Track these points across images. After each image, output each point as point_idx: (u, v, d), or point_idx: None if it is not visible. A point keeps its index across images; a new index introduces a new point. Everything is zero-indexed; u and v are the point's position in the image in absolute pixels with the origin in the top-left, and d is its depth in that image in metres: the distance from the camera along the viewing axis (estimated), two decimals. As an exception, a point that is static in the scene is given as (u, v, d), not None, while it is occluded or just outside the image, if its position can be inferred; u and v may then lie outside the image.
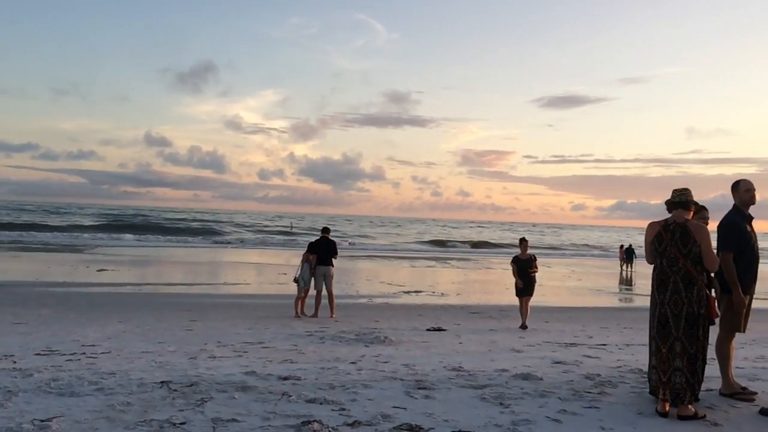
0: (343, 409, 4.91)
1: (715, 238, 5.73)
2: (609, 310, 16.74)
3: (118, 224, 61.67)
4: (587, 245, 69.87)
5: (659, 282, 5.17)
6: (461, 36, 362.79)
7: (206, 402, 5.01)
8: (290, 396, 5.24)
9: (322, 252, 12.92)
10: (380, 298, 17.59)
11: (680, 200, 5.23)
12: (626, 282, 27.99)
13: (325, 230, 13.50)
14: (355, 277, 24.52)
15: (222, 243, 49.55)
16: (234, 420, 4.54)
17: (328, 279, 12.87)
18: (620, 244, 36.65)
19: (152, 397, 5.14)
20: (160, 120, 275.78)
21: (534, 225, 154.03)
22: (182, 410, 4.76)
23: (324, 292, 12.89)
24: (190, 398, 5.12)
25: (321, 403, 5.06)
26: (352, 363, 6.99)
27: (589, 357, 7.76)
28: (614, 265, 36.25)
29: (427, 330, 10.62)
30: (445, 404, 5.17)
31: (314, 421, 4.51)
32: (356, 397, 5.30)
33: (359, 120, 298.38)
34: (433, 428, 4.50)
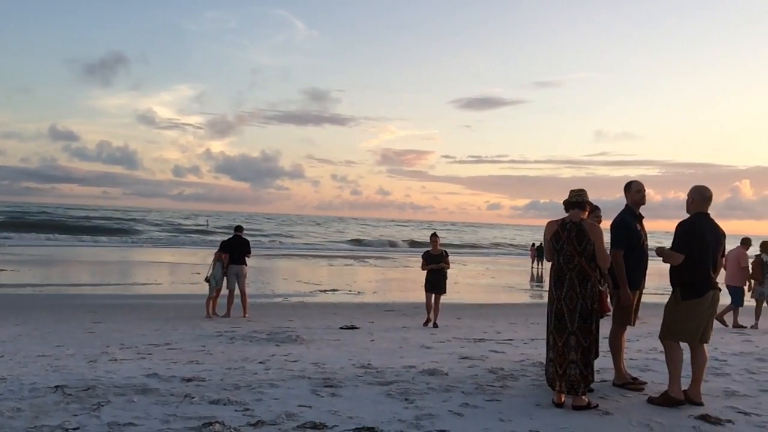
0: (247, 409, 4.85)
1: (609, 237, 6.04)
2: (519, 306, 17.31)
3: (19, 222, 58.22)
4: (502, 244, 71.85)
5: (556, 278, 5.39)
6: (382, 35, 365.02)
7: (103, 406, 4.83)
8: (193, 398, 5.13)
9: (234, 251, 12.70)
10: (296, 297, 17.48)
11: (576, 200, 5.46)
12: (537, 279, 29.00)
13: (238, 229, 13.28)
14: (272, 276, 24.25)
15: (133, 242, 47.79)
16: (131, 424, 4.40)
17: (241, 278, 12.67)
18: (532, 243, 37.94)
19: (45, 402, 4.90)
20: (66, 113, 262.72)
21: (453, 224, 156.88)
22: (76, 415, 4.58)
23: (237, 291, 12.68)
24: (86, 402, 4.92)
25: (225, 404, 4.98)
26: (260, 363, 6.91)
27: (495, 352, 7.99)
28: (526, 262, 37.50)
29: (341, 328, 10.64)
30: (351, 401, 5.20)
31: (216, 422, 4.43)
32: (262, 397, 5.25)
33: (278, 117, 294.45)
34: (337, 425, 4.52)
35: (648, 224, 6.33)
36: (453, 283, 23.41)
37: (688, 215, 5.56)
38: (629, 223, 6.02)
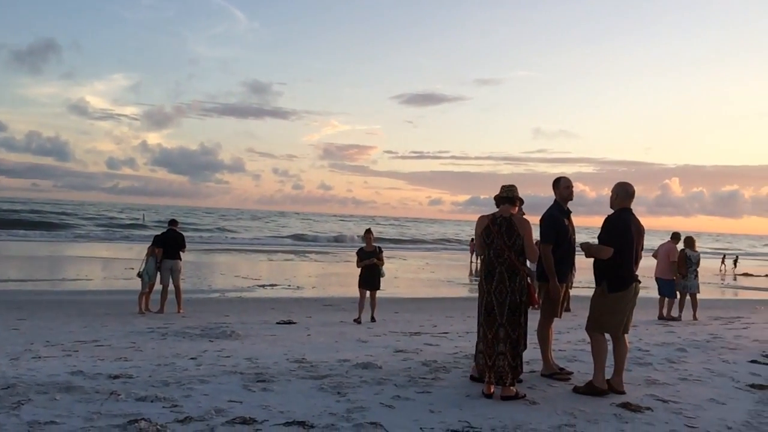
0: (175, 406, 4.76)
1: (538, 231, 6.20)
2: (456, 300, 17.55)
3: (-60, 215, 55.29)
4: (442, 239, 72.63)
5: (487, 272, 5.49)
6: (324, 29, 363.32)
7: (23, 405, 4.65)
8: (119, 395, 4.99)
9: (168, 245, 12.42)
10: (233, 292, 17.24)
11: (507, 195, 5.58)
12: (476, 273, 29.47)
13: (173, 223, 12.98)
14: (209, 272, 23.85)
15: (64, 236, 46.06)
16: (53, 422, 4.26)
17: (175, 273, 12.40)
18: (471, 238, 38.54)
19: (-41, 403, 4.68)
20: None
21: (396, 219, 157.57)
22: (-7, 415, 4.39)
23: (171, 287, 12.41)
24: (5, 401, 4.73)
25: (152, 401, 4.87)
26: (192, 359, 6.79)
27: (430, 345, 8.09)
28: (466, 257, 38.09)
29: (277, 323, 10.56)
30: (283, 396, 5.17)
31: (142, 419, 4.33)
32: (191, 393, 5.16)
33: (218, 109, 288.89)
34: (267, 420, 4.49)
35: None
36: (393, 278, 23.67)
37: (612, 210, 5.77)
38: (557, 218, 6.19)
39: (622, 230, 5.57)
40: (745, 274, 36.38)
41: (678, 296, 13.42)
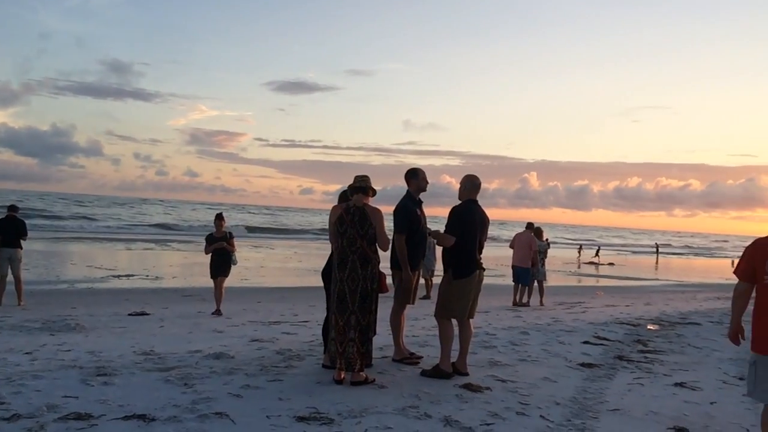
0: (2, 403, 4.44)
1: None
2: (321, 289, 17.52)
3: None
4: (312, 229, 72.51)
5: (339, 260, 5.57)
6: (191, 8, 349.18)
7: None
8: (-66, 395, 4.56)
9: (7, 233, 11.43)
10: (84, 283, 16.23)
11: (360, 185, 5.67)
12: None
13: (12, 208, 11.93)
14: (59, 261, 22.30)
15: None
16: None
17: (14, 263, 11.45)
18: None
19: None
20: None
21: (268, 208, 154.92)
22: None
23: (10, 277, 11.45)
24: None
25: (-26, 400, 4.50)
26: (26, 353, 6.34)
27: (288, 334, 8.09)
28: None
29: (129, 315, 10.09)
30: (125, 389, 4.97)
31: (-41, 420, 3.99)
32: (21, 390, 4.83)
33: (73, 88, 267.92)
34: (104, 415, 4.30)
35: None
36: (259, 267, 23.38)
37: (460, 201, 6.05)
38: (411, 209, 6.39)
39: (465, 220, 5.86)
40: (610, 264, 39.30)
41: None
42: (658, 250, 58.93)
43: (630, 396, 5.60)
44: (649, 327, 9.76)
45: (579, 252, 43.83)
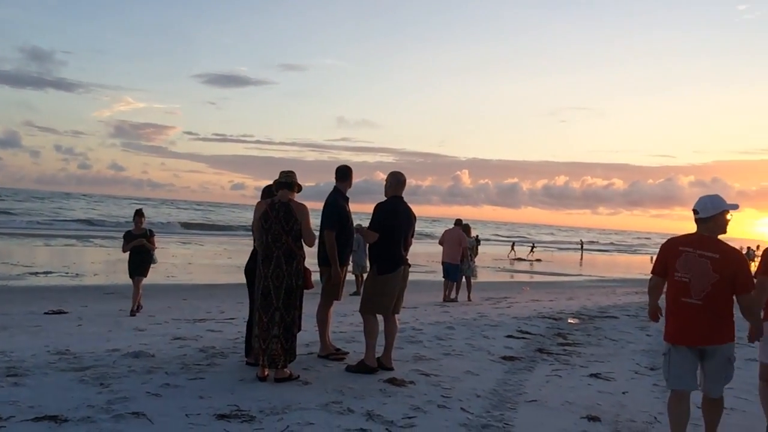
0: None
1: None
2: (251, 286, 17.34)
3: None
4: (244, 225, 71.36)
5: (264, 257, 5.51)
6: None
7: None
8: None
9: None
10: (-2, 280, 15.45)
11: (285, 181, 5.64)
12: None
13: None
14: (-29, 258, 21.12)
15: None
16: None
17: None
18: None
19: None
20: None
21: (199, 204, 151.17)
22: None
23: None
24: None
25: None
26: (-71, 355, 5.99)
27: (213, 331, 7.95)
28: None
29: (45, 314, 9.68)
30: (36, 390, 4.77)
31: None
32: None
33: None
34: (13, 416, 4.12)
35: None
36: (187, 264, 22.84)
37: (386, 198, 6.09)
38: (342, 205, 6.41)
39: (389, 217, 5.91)
40: (537, 260, 40.34)
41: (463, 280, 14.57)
42: (582, 246, 60.98)
43: (548, 387, 5.79)
44: (569, 321, 10.11)
45: (512, 248, 44.85)
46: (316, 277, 5.90)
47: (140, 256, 10.36)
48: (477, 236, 37.35)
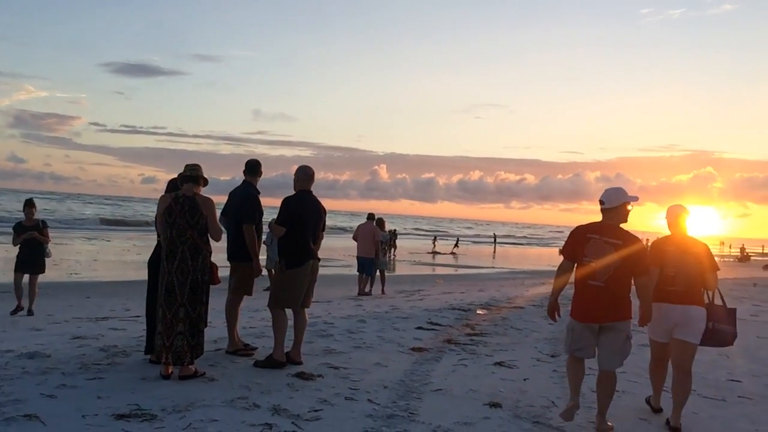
0: None
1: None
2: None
3: None
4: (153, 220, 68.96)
5: (168, 252, 5.38)
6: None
7: None
8: None
9: None
10: None
11: (191, 174, 5.51)
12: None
13: None
14: None
15: None
16: None
17: None
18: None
19: None
20: None
21: (108, 198, 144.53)
22: None
23: None
24: None
25: None
26: None
27: (116, 329, 7.68)
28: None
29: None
30: None
31: None
32: None
33: None
34: None
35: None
36: (92, 260, 21.89)
37: (294, 192, 6.08)
38: (258, 199, 6.37)
39: (296, 210, 5.90)
40: (452, 253, 41.06)
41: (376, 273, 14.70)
42: (495, 240, 62.83)
43: (453, 376, 5.96)
44: (478, 312, 10.41)
45: (434, 243, 45.55)
46: (223, 272, 5.81)
47: (34, 251, 9.73)
48: (395, 230, 37.90)
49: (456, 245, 47.01)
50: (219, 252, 5.82)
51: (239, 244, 6.29)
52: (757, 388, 6.37)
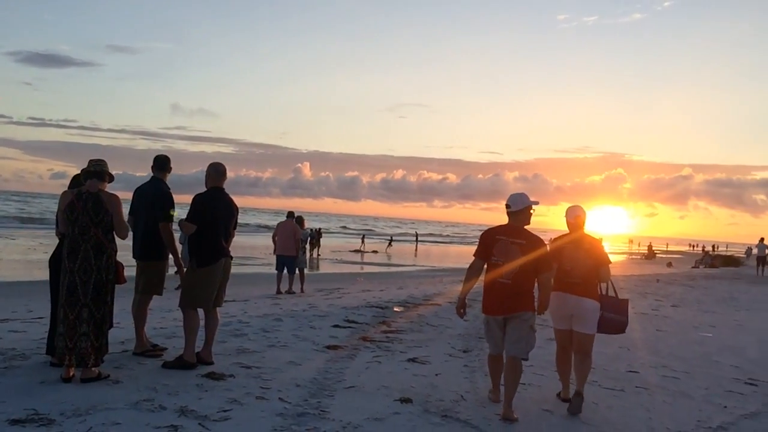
0: None
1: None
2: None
3: None
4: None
5: (70, 250, 5.17)
6: None
7: None
8: None
9: None
10: None
11: (95, 170, 5.31)
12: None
13: None
14: None
15: None
16: None
17: None
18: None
19: None
20: None
21: (16, 194, 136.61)
22: None
23: None
24: None
25: None
26: None
27: (16, 332, 7.29)
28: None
29: None
30: None
31: None
32: None
33: None
34: None
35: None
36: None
37: (206, 189, 5.96)
38: (172, 197, 6.23)
39: (207, 208, 5.80)
40: (374, 251, 41.08)
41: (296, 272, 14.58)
42: (417, 238, 63.66)
43: (367, 373, 6.01)
44: (395, 309, 10.53)
45: (362, 241, 45.57)
46: (129, 272, 5.63)
47: None
48: (319, 229, 37.69)
49: (390, 244, 47.38)
50: (124, 249, 5.65)
51: (151, 243, 6.13)
52: (654, 378, 6.77)
